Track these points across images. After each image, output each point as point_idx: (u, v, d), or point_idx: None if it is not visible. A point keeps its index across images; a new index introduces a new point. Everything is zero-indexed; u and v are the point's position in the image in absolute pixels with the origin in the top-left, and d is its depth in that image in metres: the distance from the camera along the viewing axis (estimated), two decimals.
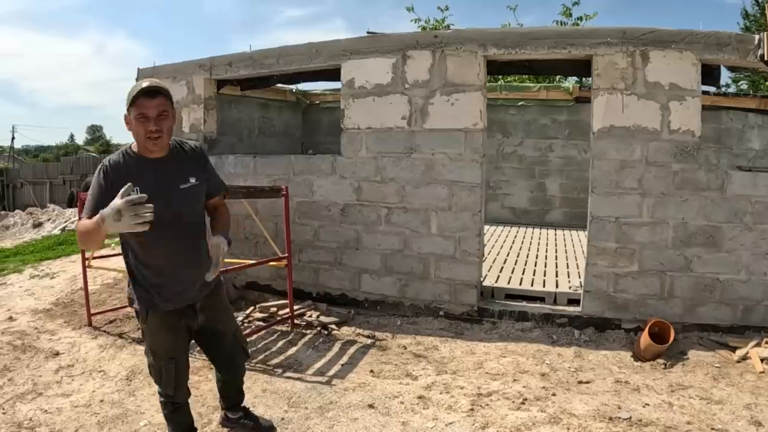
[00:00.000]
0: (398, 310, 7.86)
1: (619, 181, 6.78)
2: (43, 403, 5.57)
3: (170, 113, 3.72)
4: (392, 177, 7.67)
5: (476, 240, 7.36)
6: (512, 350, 6.56)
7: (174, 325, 3.98)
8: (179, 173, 3.84)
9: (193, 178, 3.90)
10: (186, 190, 3.86)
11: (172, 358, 4.07)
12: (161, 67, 10.00)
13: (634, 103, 6.66)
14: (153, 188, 3.44)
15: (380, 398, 5.42)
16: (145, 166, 3.71)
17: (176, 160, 3.87)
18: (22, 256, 13.83)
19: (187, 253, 3.92)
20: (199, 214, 4.06)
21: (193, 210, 3.98)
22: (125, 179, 3.33)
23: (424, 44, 7.42)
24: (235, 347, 4.45)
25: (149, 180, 3.58)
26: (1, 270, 12.11)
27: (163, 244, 3.75)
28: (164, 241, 3.71)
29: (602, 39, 6.70)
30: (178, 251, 3.86)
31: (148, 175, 3.65)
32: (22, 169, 37.63)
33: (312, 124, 15.47)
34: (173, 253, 3.84)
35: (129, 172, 3.58)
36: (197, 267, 3.95)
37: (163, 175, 3.75)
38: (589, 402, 5.21)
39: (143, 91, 3.56)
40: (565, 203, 14.27)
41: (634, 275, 6.84)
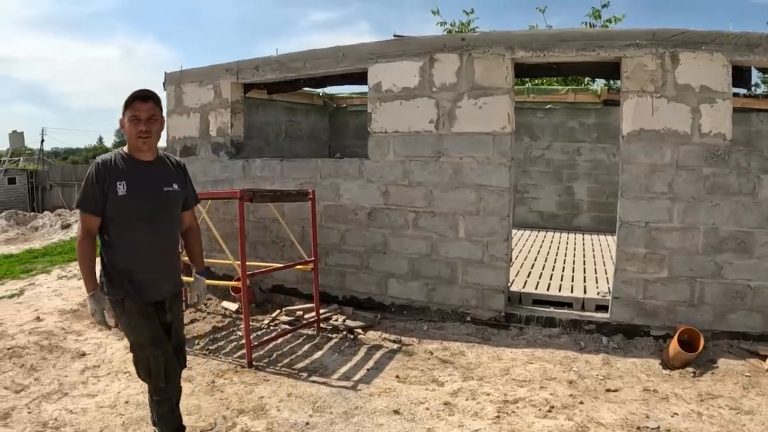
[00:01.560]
0: (425, 314, 7.82)
1: (649, 186, 6.69)
2: (69, 403, 5.63)
3: (159, 118, 4.17)
4: (420, 181, 7.64)
5: (504, 244, 7.31)
6: (539, 357, 6.50)
7: (151, 313, 4.22)
8: (164, 177, 4.27)
9: (175, 184, 4.32)
10: (169, 192, 4.28)
11: (159, 345, 4.23)
12: (188, 71, 10.05)
13: (664, 106, 6.57)
14: (140, 184, 4.09)
15: (406, 404, 5.40)
16: (135, 166, 4.14)
17: (163, 166, 4.32)
18: (51, 257, 13.98)
19: (162, 250, 4.30)
20: (176, 217, 4.44)
21: (172, 211, 4.37)
22: (115, 174, 4.01)
23: (452, 47, 7.38)
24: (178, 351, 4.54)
25: (138, 177, 4.10)
26: (30, 270, 12.24)
27: (142, 237, 4.13)
28: (143, 234, 4.13)
29: (631, 41, 6.62)
30: (154, 246, 4.22)
31: (137, 173, 4.12)
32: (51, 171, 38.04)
33: (339, 127, 15.49)
34: (150, 246, 4.18)
35: (119, 169, 4.06)
36: (170, 264, 4.40)
37: (150, 176, 4.19)
38: (616, 411, 5.14)
39: (137, 95, 4.06)
40: (593, 207, 14.14)
41: (664, 281, 6.74)
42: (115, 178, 4.01)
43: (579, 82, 17.41)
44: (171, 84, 10.26)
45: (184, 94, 10.04)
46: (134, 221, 4.08)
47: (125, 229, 4.09)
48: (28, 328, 8.03)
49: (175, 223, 4.41)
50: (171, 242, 4.41)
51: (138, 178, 4.10)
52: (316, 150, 14.39)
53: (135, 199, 4.05)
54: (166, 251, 4.34)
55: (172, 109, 10.27)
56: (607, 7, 19.16)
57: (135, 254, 4.13)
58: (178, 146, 10.20)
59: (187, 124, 10.02)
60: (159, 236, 4.24)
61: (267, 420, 5.16)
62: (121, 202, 4.02)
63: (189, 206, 4.57)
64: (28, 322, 8.36)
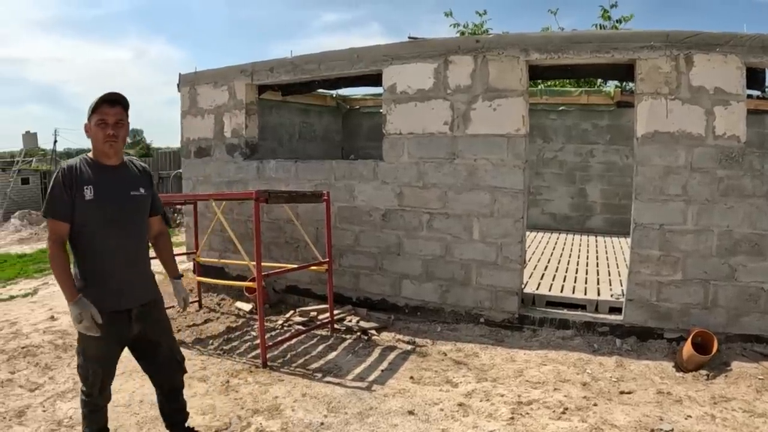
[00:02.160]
0: (438, 316, 7.83)
1: (663, 188, 6.67)
2: None
3: (126, 123, 4.11)
4: (434, 182, 7.66)
5: (518, 246, 7.31)
6: (553, 358, 6.50)
7: (107, 332, 4.05)
8: (130, 181, 4.20)
9: (142, 188, 4.25)
10: (135, 197, 4.21)
11: (101, 364, 4.18)
12: (202, 72, 10.10)
13: (678, 108, 6.55)
14: (107, 188, 4.02)
15: (420, 405, 5.41)
16: (101, 171, 4.05)
17: (129, 171, 4.24)
18: None
19: (131, 254, 4.18)
20: (143, 222, 4.35)
21: (140, 216, 4.29)
22: (82, 179, 3.92)
23: (466, 49, 7.40)
24: (170, 360, 4.57)
25: (104, 182, 4.02)
26: (43, 270, 12.32)
27: (111, 242, 4.03)
28: (112, 239, 4.03)
29: (645, 43, 6.61)
30: (123, 250, 4.10)
31: (103, 178, 4.04)
32: None
33: (352, 128, 15.52)
34: (119, 251, 4.08)
35: (86, 174, 3.98)
36: (138, 268, 4.26)
37: (116, 180, 4.11)
38: (630, 413, 5.14)
39: (105, 98, 3.97)
40: (606, 209, 14.11)
41: (678, 284, 6.73)
42: (81, 183, 3.94)
43: (592, 84, 17.36)
44: (185, 85, 10.31)
45: (198, 96, 10.09)
46: (103, 226, 4.01)
47: (94, 235, 4.01)
48: (43, 327, 8.10)
49: (143, 228, 4.35)
50: (141, 247, 4.32)
51: (104, 182, 4.04)
52: (329, 151, 14.43)
53: (102, 203, 3.99)
54: (136, 256, 4.25)
55: (186, 110, 10.32)
56: (616, 7, 19.13)
57: (105, 260, 4.06)
58: (192, 147, 10.26)
59: (201, 126, 10.07)
60: (128, 240, 4.16)
61: (282, 420, 5.18)
62: (88, 207, 3.95)
63: (156, 212, 4.50)
64: (42, 321, 8.42)
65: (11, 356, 7.05)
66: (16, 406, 5.65)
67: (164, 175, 24.55)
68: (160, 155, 26.95)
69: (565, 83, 17.43)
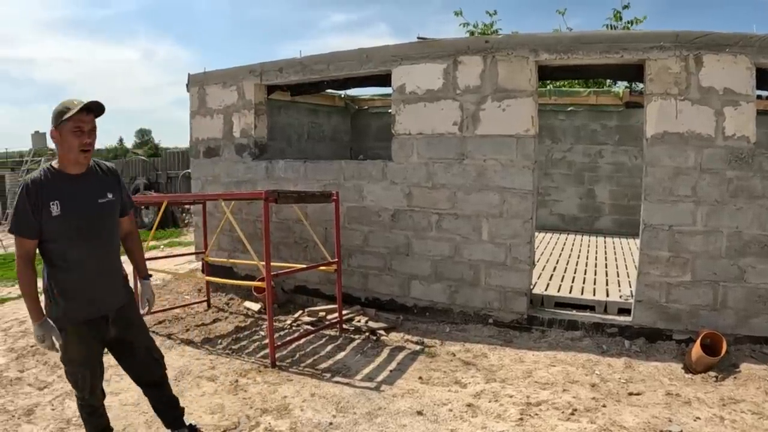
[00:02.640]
0: (447, 316, 7.83)
1: (673, 189, 6.65)
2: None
3: (96, 131, 4.03)
4: (443, 183, 7.65)
5: (527, 247, 7.31)
6: (561, 359, 6.49)
7: (87, 337, 4.16)
8: (97, 188, 4.14)
9: (110, 193, 4.20)
10: (104, 204, 4.15)
11: (86, 367, 4.24)
12: (211, 72, 10.13)
13: (687, 109, 6.52)
14: (73, 201, 3.96)
15: (429, 405, 5.41)
16: (66, 182, 3.98)
17: (95, 177, 4.16)
18: None
19: (103, 263, 4.19)
20: (114, 227, 4.33)
21: (109, 223, 4.25)
22: (47, 194, 3.85)
23: (475, 50, 7.39)
24: (148, 359, 4.60)
25: (69, 195, 3.95)
26: None
27: (82, 254, 4.02)
28: (83, 250, 4.02)
29: (655, 43, 6.58)
30: (94, 261, 4.10)
31: (69, 189, 3.97)
32: None
33: (361, 129, 15.53)
34: (90, 261, 4.08)
35: (50, 189, 3.90)
36: (111, 277, 4.28)
37: (83, 190, 4.04)
38: (639, 414, 5.13)
39: (88, 106, 3.89)
40: (614, 210, 14.07)
41: (687, 285, 6.70)
42: (47, 198, 3.86)
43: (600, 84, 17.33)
44: (194, 85, 10.34)
45: (207, 96, 10.11)
46: (72, 239, 3.98)
47: (64, 249, 3.98)
48: None
49: (114, 234, 4.31)
50: (112, 255, 4.30)
51: (71, 194, 3.97)
52: (338, 151, 14.44)
53: (70, 217, 3.93)
54: (108, 265, 4.26)
55: (195, 110, 10.35)
56: (628, 8, 19.06)
57: (76, 272, 4.04)
58: (201, 147, 10.28)
59: (210, 126, 10.09)
60: (99, 250, 4.14)
61: (290, 420, 5.20)
62: (56, 222, 3.89)
63: (126, 212, 4.46)
64: None
65: (20, 355, 7.10)
66: (25, 404, 5.70)
67: (173, 174, 24.57)
68: (169, 155, 26.99)
69: (573, 83, 17.39)
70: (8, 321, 8.73)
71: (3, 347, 7.44)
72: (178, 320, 8.43)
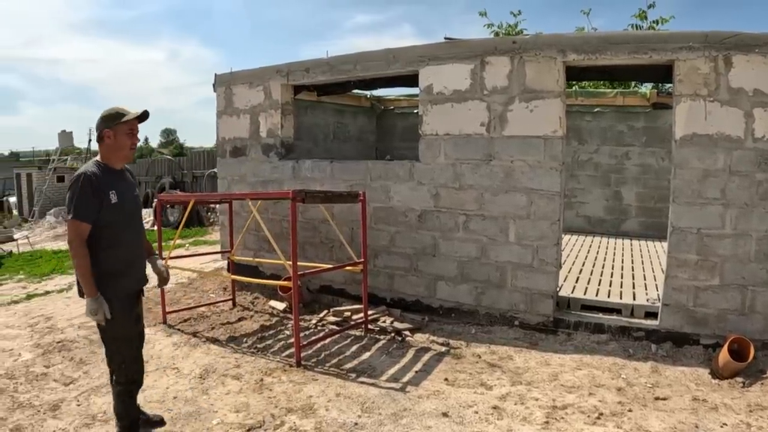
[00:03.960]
0: (473, 318, 7.80)
1: (702, 191, 6.56)
2: None
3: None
4: (470, 184, 7.63)
5: (554, 249, 7.27)
6: (587, 363, 6.45)
7: (130, 309, 4.77)
8: (132, 183, 4.96)
9: (136, 189, 5.07)
10: (137, 196, 5.05)
11: (133, 342, 4.89)
12: (238, 72, 10.16)
13: (717, 110, 6.43)
14: (123, 191, 4.67)
15: (454, 407, 5.40)
16: (114, 176, 4.69)
17: (127, 173, 4.94)
18: None
19: (140, 245, 4.98)
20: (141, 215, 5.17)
21: (140, 211, 5.12)
22: (104, 184, 4.50)
23: (503, 50, 7.36)
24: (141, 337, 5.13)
25: (119, 186, 4.66)
26: None
27: (128, 237, 4.76)
28: (128, 234, 4.76)
29: (684, 43, 6.49)
30: (135, 242, 4.88)
31: (118, 182, 4.68)
32: None
33: (386, 129, 15.51)
34: (133, 243, 4.85)
35: (105, 180, 4.55)
36: (143, 257, 5.06)
37: (125, 182, 4.81)
38: (665, 419, 5.09)
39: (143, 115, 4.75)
40: (641, 212, 13.94)
41: (715, 289, 6.60)
42: (105, 188, 4.50)
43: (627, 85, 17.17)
44: (221, 85, 10.38)
45: (234, 96, 10.15)
46: (123, 224, 4.68)
47: (117, 232, 4.62)
48: (77, 322, 8.22)
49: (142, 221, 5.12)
50: (143, 239, 5.07)
51: (120, 186, 4.68)
52: (364, 152, 14.45)
53: (123, 205, 4.64)
54: (142, 246, 5.04)
55: (222, 110, 10.39)
56: (653, 7, 18.85)
57: (125, 252, 4.71)
58: (228, 147, 10.32)
59: (237, 125, 10.13)
60: (138, 234, 4.95)
61: (315, 419, 5.20)
62: (114, 209, 4.54)
63: None
64: (77, 316, 8.53)
65: (46, 350, 7.17)
66: (50, 399, 5.75)
67: (198, 174, 24.74)
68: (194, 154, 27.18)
69: (599, 84, 17.26)
70: (35, 317, 8.81)
71: (29, 343, 7.52)
72: (204, 318, 8.47)
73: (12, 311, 9.40)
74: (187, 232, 18.28)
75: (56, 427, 5.18)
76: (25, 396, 5.86)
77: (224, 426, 5.12)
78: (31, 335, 7.87)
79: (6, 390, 6.01)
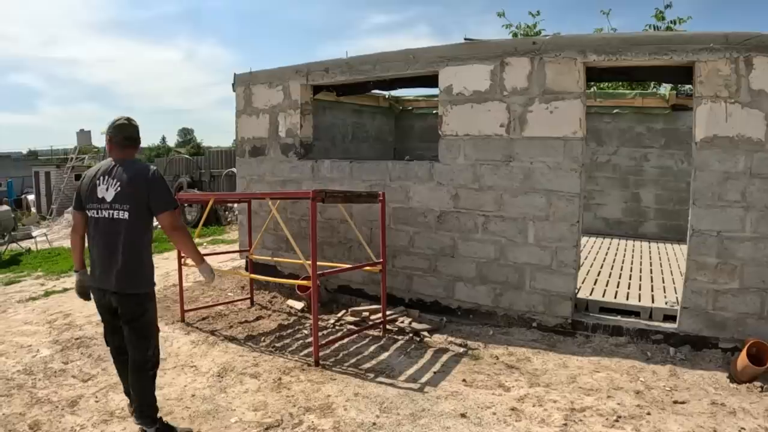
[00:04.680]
0: (491, 319, 7.79)
1: (722, 194, 6.50)
2: None
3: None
4: (490, 185, 7.62)
5: (573, 251, 7.25)
6: (606, 365, 6.42)
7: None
8: None
9: None
10: None
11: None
12: (258, 72, 10.20)
13: (737, 112, 6.36)
14: None
15: (473, 408, 5.40)
16: None
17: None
18: None
19: None
20: None
21: None
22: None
23: (523, 51, 7.35)
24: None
25: None
26: None
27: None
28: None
29: (704, 45, 6.44)
30: None
31: None
32: None
33: (404, 129, 15.52)
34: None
35: None
36: None
37: None
38: (684, 423, 5.06)
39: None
40: (660, 215, 13.87)
41: (734, 292, 6.54)
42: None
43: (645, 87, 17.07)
44: (240, 85, 10.42)
45: (253, 96, 10.19)
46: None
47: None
48: (96, 319, 8.23)
49: None
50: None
51: None
52: (382, 152, 14.47)
53: None
54: None
55: (241, 110, 10.43)
56: (671, 7, 18.71)
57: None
58: (247, 146, 10.36)
59: (256, 125, 10.17)
60: None
61: (334, 419, 5.22)
62: None
63: None
64: (95, 313, 8.51)
65: (65, 347, 7.24)
66: (68, 395, 5.81)
67: (215, 173, 24.81)
68: (212, 154, 27.24)
69: (618, 86, 17.17)
70: (53, 314, 8.90)
71: (48, 339, 7.60)
72: (222, 317, 8.51)
73: (30, 308, 9.50)
74: (204, 230, 18.34)
75: (74, 423, 5.24)
76: (43, 392, 5.92)
77: (242, 424, 5.15)
78: (49, 331, 7.95)
79: (25, 385, 6.08)
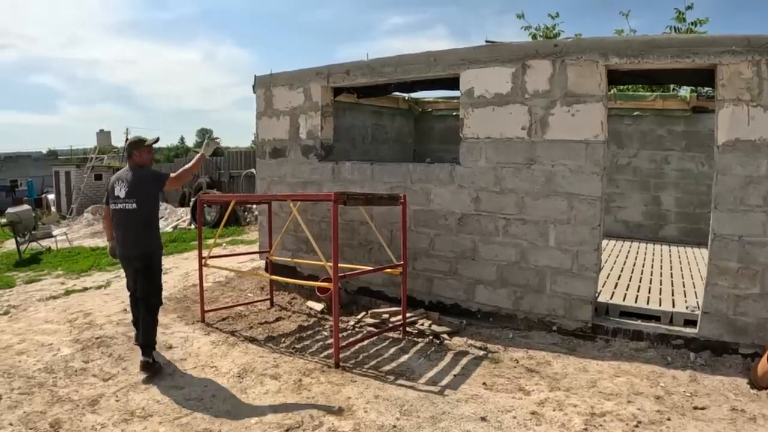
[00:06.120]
0: (511, 322, 7.78)
1: (744, 198, 6.44)
2: (156, 394, 5.88)
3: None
4: (511, 188, 7.61)
5: (594, 254, 7.22)
6: (626, 370, 6.39)
7: None
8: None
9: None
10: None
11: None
12: (278, 74, 10.24)
13: (760, 116, 6.30)
14: None
15: (493, 411, 5.39)
16: None
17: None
18: None
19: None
20: None
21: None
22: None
23: (544, 53, 7.33)
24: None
25: None
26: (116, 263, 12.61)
27: None
28: None
29: (726, 47, 6.38)
30: None
31: None
32: None
33: (424, 131, 15.48)
34: None
35: None
36: None
37: None
38: (704, 429, 5.03)
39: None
40: (680, 218, 13.78)
41: (756, 297, 6.48)
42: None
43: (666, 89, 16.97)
44: (261, 87, 10.46)
45: (273, 97, 10.23)
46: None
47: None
48: (116, 318, 8.34)
49: None
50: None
51: None
52: (401, 154, 14.46)
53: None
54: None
55: (262, 111, 10.48)
56: (691, 8, 18.56)
57: None
58: (267, 148, 10.40)
59: (276, 127, 10.21)
60: None
61: (354, 421, 5.23)
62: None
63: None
64: (115, 313, 8.67)
65: (85, 346, 7.30)
66: (89, 394, 5.86)
67: (235, 174, 24.93)
68: (231, 154, 27.36)
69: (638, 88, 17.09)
70: (74, 312, 8.96)
71: (68, 338, 7.65)
72: (242, 317, 8.54)
73: (51, 307, 9.57)
74: (224, 231, 18.37)
75: (95, 422, 5.28)
76: (64, 390, 5.98)
77: (262, 425, 5.18)
78: (70, 330, 8.01)
79: (45, 384, 6.14)
